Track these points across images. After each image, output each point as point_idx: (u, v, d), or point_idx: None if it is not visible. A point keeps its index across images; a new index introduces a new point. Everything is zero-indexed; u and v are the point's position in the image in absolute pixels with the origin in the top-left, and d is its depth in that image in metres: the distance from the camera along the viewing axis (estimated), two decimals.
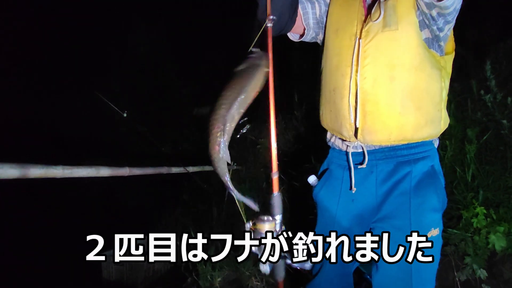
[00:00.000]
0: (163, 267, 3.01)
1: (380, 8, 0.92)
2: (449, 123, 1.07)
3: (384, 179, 1.00)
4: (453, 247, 1.91)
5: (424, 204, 0.96)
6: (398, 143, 0.98)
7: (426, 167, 0.99)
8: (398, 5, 0.91)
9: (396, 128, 0.95)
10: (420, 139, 0.98)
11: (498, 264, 1.78)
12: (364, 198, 1.03)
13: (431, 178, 0.99)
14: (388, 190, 1.00)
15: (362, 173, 1.03)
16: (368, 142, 0.99)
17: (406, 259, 0.91)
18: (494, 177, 2.13)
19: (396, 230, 0.96)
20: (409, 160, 0.99)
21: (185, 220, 3.65)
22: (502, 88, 2.46)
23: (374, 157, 1.01)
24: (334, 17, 1.06)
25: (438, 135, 1.04)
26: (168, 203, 4.10)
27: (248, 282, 2.30)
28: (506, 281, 1.73)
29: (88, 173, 1.19)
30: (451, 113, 2.48)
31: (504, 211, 1.85)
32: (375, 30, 0.93)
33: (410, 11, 0.90)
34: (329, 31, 1.06)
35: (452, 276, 1.89)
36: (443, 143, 2.41)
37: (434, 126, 0.98)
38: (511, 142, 2.20)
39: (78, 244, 3.61)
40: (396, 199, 0.99)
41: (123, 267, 2.78)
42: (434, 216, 0.97)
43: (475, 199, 1.94)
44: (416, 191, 0.97)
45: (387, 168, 1.00)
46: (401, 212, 0.97)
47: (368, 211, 1.04)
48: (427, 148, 1.01)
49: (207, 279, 2.36)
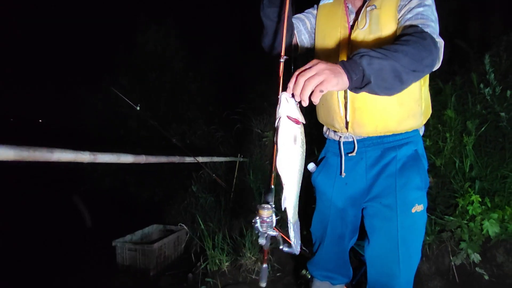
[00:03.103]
0: (173, 253, 3.15)
1: (365, 17, 1.04)
2: (430, 113, 1.20)
3: (372, 164, 1.13)
4: (449, 233, 2.00)
5: (408, 183, 1.08)
6: (384, 134, 1.10)
7: (410, 151, 1.11)
8: (381, 14, 1.02)
9: (382, 122, 1.08)
10: (403, 130, 1.10)
11: (492, 249, 1.87)
12: (355, 181, 1.16)
13: (415, 161, 1.10)
14: (377, 173, 1.12)
15: (353, 160, 1.15)
16: (358, 134, 1.12)
17: (393, 233, 1.03)
18: (492, 167, 2.21)
19: (384, 207, 1.09)
20: (394, 146, 1.11)
21: (194, 210, 3.78)
22: (502, 81, 2.52)
23: (363, 144, 1.13)
24: (321, 26, 1.19)
25: (420, 126, 1.15)
26: (177, 194, 4.24)
27: (254, 266, 2.43)
28: (499, 265, 1.82)
29: (110, 159, 1.32)
30: (452, 106, 2.56)
31: (500, 199, 1.93)
32: (361, 36, 1.05)
33: (392, 19, 1.01)
34: (318, 37, 1.20)
35: (448, 261, 1.99)
36: (443, 135, 2.49)
37: (415, 119, 1.10)
38: (509, 134, 2.26)
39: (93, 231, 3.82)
40: (383, 181, 1.11)
41: (135, 252, 2.90)
42: (417, 194, 1.08)
43: (471, 188, 2.02)
44: (401, 172, 1.09)
45: (375, 154, 1.13)
46: (388, 191, 1.09)
47: (360, 192, 1.16)
48: (411, 135, 1.12)
49: (215, 263, 2.49)
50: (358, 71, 0.74)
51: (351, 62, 0.75)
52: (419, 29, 0.91)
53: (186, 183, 4.12)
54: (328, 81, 0.70)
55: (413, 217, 1.07)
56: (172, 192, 4.47)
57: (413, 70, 0.80)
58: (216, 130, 4.91)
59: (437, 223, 2.07)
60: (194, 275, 2.55)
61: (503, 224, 1.84)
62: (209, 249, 2.59)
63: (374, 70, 0.75)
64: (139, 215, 4.06)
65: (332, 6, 1.18)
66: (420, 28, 0.91)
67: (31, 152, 0.94)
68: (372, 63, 0.75)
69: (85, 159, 1.18)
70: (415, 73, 0.81)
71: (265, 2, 1.06)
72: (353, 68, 0.74)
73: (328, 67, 0.72)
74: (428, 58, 0.84)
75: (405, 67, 0.78)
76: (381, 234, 1.10)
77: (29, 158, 0.96)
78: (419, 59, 0.81)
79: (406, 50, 0.80)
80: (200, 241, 2.78)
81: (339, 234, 1.21)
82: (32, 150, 0.95)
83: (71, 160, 1.10)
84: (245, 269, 2.40)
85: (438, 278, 1.96)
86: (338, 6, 1.16)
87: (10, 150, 0.89)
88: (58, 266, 3.00)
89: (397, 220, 1.06)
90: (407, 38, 0.86)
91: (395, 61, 0.77)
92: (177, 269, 2.92)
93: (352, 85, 0.75)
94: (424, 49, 0.83)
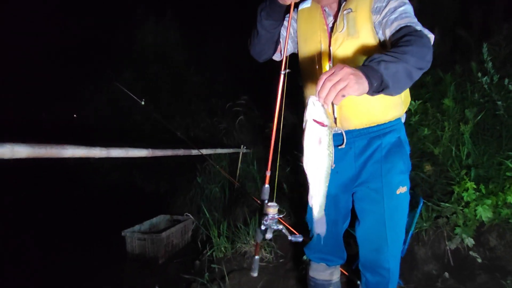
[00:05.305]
0: (180, 241, 3.27)
1: (343, 20, 1.12)
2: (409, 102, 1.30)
3: (360, 153, 1.23)
4: (445, 219, 2.07)
5: (393, 168, 1.18)
6: (369, 125, 1.20)
7: (394, 138, 1.21)
8: (357, 17, 1.10)
9: (366, 115, 1.18)
10: (386, 120, 1.19)
11: (485, 234, 1.95)
12: (345, 169, 1.25)
13: (398, 147, 1.21)
14: (364, 161, 1.22)
15: (343, 150, 1.23)
16: (346, 127, 1.21)
17: (380, 213, 1.13)
18: (489, 154, 2.26)
19: (372, 191, 1.20)
20: (379, 134, 1.21)
21: (199, 201, 3.89)
22: (501, 69, 2.53)
23: (351, 135, 1.22)
24: (302, 30, 1.28)
25: (402, 114, 1.25)
26: (183, 185, 4.34)
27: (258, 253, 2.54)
28: (492, 248, 1.90)
29: (119, 153, 1.40)
30: (451, 95, 2.59)
31: (494, 186, 1.99)
32: (341, 38, 1.13)
33: (367, 21, 1.09)
34: (300, 41, 1.29)
35: (443, 246, 2.07)
36: (442, 124, 2.53)
37: (396, 109, 1.20)
38: (506, 122, 2.30)
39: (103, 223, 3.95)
40: (371, 167, 1.21)
41: (145, 242, 3.03)
42: (401, 177, 1.19)
43: (467, 176, 2.08)
44: (386, 158, 1.19)
45: (362, 143, 1.22)
46: (375, 176, 1.19)
47: (350, 179, 1.26)
48: (394, 123, 1.22)
49: (221, 251, 2.60)
50: (377, 77, 0.80)
51: (370, 69, 0.81)
52: (412, 29, 0.97)
53: (191, 175, 4.22)
54: (350, 86, 0.75)
55: (398, 198, 1.18)
56: (177, 184, 4.58)
57: (420, 68, 0.88)
58: (219, 122, 4.98)
59: (434, 210, 2.14)
60: (201, 262, 2.67)
61: (496, 209, 1.90)
62: (215, 237, 2.70)
63: (390, 74, 0.81)
64: (146, 206, 4.19)
65: (310, 10, 1.26)
66: (413, 27, 0.98)
67: (48, 149, 1.03)
68: (388, 68, 0.81)
69: (96, 154, 1.27)
70: (421, 70, 0.89)
71: (263, 15, 1.13)
72: (373, 75, 0.80)
73: (352, 72, 0.76)
74: (429, 54, 0.91)
75: (413, 66, 0.85)
76: (370, 215, 1.21)
77: (45, 155, 1.04)
78: (423, 56, 0.88)
79: (412, 50, 0.87)
80: (206, 230, 2.90)
81: (333, 219, 1.30)
82: (49, 148, 1.03)
83: (84, 156, 1.19)
84: (249, 255, 2.51)
85: (434, 262, 2.04)
86: (315, 10, 1.24)
87: (27, 147, 0.96)
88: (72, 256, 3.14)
89: (383, 202, 1.17)
90: (407, 38, 0.92)
91: (405, 62, 0.84)
92: (184, 256, 3.04)
93: (371, 90, 0.81)
94: (424, 47, 0.90)
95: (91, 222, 3.97)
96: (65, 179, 5.86)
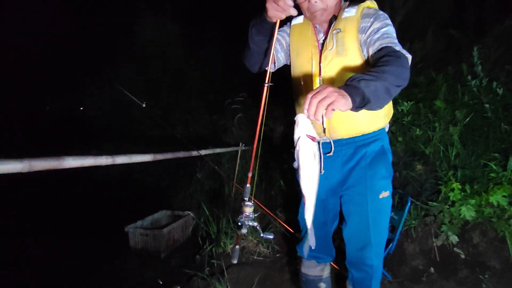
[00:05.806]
0: (181, 237, 3.40)
1: (332, 39, 1.21)
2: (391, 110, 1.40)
3: (347, 160, 1.33)
4: (433, 218, 2.19)
5: (376, 174, 1.29)
6: (355, 135, 1.30)
7: (378, 147, 1.31)
8: (345, 37, 1.19)
9: (352, 126, 1.28)
10: (371, 130, 1.30)
11: (469, 231, 2.06)
12: (333, 175, 1.35)
13: (381, 155, 1.31)
14: (351, 167, 1.33)
15: (331, 158, 1.33)
16: (334, 137, 1.31)
17: (365, 215, 1.26)
18: (476, 155, 2.35)
19: (357, 195, 1.31)
20: (364, 143, 1.31)
21: (199, 196, 4.01)
22: (491, 71, 2.61)
23: (339, 144, 1.32)
24: (294, 44, 1.36)
25: (385, 125, 1.35)
26: (183, 182, 4.45)
27: (256, 248, 2.66)
28: (475, 245, 2.02)
29: (123, 160, 1.49)
30: (442, 96, 2.67)
31: (479, 186, 2.10)
32: (330, 56, 1.22)
33: (354, 41, 1.18)
34: (292, 55, 1.37)
35: (431, 242, 2.19)
36: (433, 125, 2.62)
37: (379, 121, 1.30)
38: (493, 124, 2.39)
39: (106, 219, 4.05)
40: (356, 173, 1.32)
41: (147, 237, 3.15)
42: (383, 182, 1.30)
43: (454, 176, 2.18)
44: (370, 165, 1.30)
45: (349, 152, 1.33)
46: (360, 182, 1.30)
47: (337, 184, 1.37)
48: (378, 133, 1.32)
49: (220, 246, 2.72)
50: (359, 93, 0.88)
51: (351, 88, 0.89)
52: (392, 49, 1.06)
53: (191, 171, 4.32)
54: (338, 101, 0.82)
55: (380, 202, 1.28)
56: (178, 180, 4.68)
57: (397, 85, 0.97)
58: (218, 119, 5.06)
59: (422, 208, 2.25)
60: (201, 256, 2.79)
61: (480, 208, 2.01)
62: (214, 234, 2.82)
63: (371, 91, 0.90)
64: (148, 202, 4.29)
65: (302, 26, 1.33)
66: (392, 48, 1.07)
67: (60, 161, 1.12)
68: (369, 86, 0.90)
69: (103, 162, 1.36)
70: (399, 87, 0.98)
71: (254, 31, 1.20)
72: (355, 92, 0.88)
73: (336, 90, 0.84)
74: (406, 72, 1.01)
75: (392, 84, 0.94)
76: (355, 217, 1.32)
77: (57, 167, 1.14)
78: (400, 75, 0.98)
79: (390, 70, 0.96)
80: (206, 226, 3.01)
81: (322, 220, 1.41)
82: (62, 160, 1.12)
83: (92, 165, 1.28)
84: (247, 251, 2.63)
85: (421, 257, 2.16)
86: (307, 26, 1.31)
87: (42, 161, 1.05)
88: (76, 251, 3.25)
89: (367, 205, 1.27)
90: (386, 58, 1.02)
91: (384, 81, 0.93)
92: (185, 251, 3.17)
93: (354, 106, 0.89)
94: (401, 66, 1.00)
95: (94, 218, 4.07)
96: (66, 176, 5.94)
